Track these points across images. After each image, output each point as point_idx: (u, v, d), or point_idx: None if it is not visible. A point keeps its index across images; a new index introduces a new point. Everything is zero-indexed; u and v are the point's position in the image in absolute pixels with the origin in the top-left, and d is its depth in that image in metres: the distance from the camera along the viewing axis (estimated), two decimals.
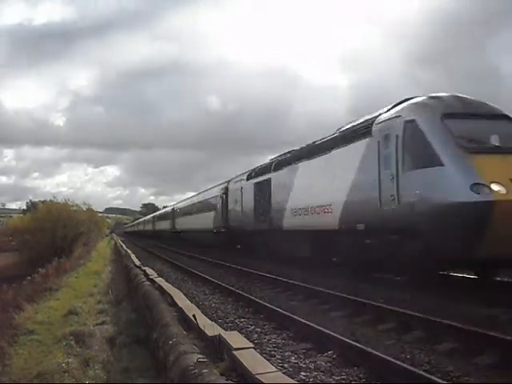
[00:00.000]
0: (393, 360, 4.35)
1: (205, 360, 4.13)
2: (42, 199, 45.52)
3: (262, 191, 16.77)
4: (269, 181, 16.16)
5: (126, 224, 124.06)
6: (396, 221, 8.70)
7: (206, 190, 29.22)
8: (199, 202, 29.90)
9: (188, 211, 33.33)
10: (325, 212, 11.48)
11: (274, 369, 4.01)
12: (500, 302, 6.82)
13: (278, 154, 17.71)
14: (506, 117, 8.90)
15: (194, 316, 5.86)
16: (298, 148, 15.30)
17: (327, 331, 5.43)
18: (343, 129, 11.88)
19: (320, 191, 11.76)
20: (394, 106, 9.64)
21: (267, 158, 19.11)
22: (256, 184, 17.70)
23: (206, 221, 26.21)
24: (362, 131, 10.21)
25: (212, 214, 25.28)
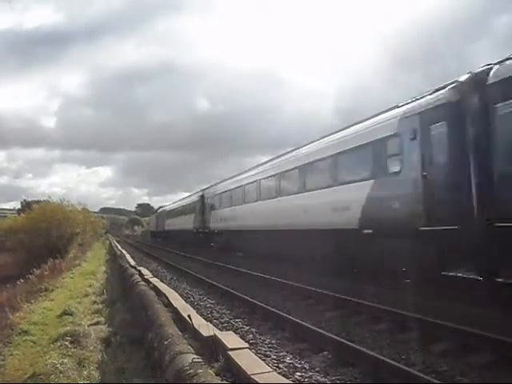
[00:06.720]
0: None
1: (200, 360, 4.13)
2: (36, 199, 44.98)
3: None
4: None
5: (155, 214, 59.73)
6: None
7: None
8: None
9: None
10: None
11: (270, 369, 4.03)
12: None
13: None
14: None
15: (189, 316, 5.87)
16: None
17: None
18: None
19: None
20: None
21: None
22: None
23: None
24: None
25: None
